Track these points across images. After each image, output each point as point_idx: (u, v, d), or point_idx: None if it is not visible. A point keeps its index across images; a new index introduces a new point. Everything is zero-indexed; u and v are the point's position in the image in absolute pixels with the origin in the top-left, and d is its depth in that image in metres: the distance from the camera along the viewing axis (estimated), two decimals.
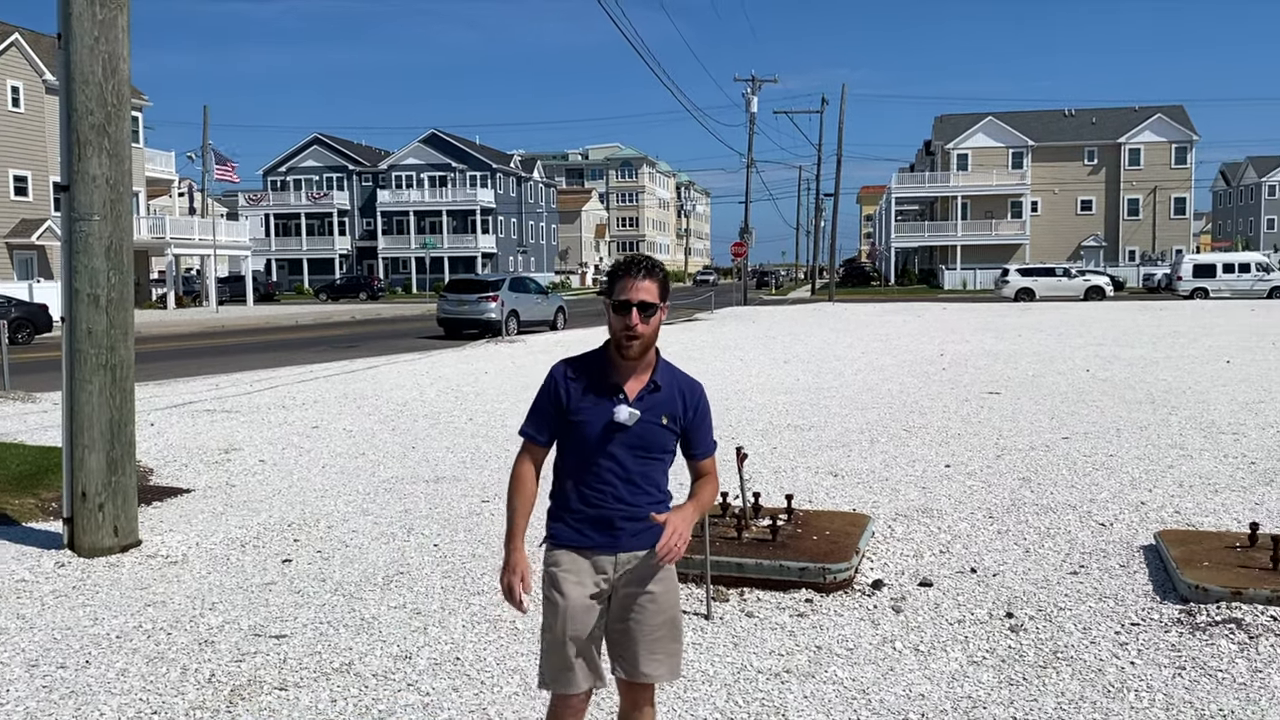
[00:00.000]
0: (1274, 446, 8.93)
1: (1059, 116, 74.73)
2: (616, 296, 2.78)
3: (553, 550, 2.88)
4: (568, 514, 2.87)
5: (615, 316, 2.79)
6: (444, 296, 27.64)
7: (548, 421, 2.88)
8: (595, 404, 2.81)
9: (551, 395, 2.86)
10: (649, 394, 2.84)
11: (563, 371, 2.88)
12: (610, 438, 2.80)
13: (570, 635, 2.80)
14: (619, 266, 2.83)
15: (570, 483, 2.86)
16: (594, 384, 2.84)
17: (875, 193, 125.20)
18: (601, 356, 2.89)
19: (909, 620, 4.86)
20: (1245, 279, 45.33)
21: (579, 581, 2.82)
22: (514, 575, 2.83)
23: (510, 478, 2.93)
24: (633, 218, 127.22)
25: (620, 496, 2.83)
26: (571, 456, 2.87)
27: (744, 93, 50.29)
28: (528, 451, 2.91)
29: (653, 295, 2.77)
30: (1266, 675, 4.09)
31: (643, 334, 2.76)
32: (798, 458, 8.82)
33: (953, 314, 33.97)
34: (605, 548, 2.84)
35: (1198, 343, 20.19)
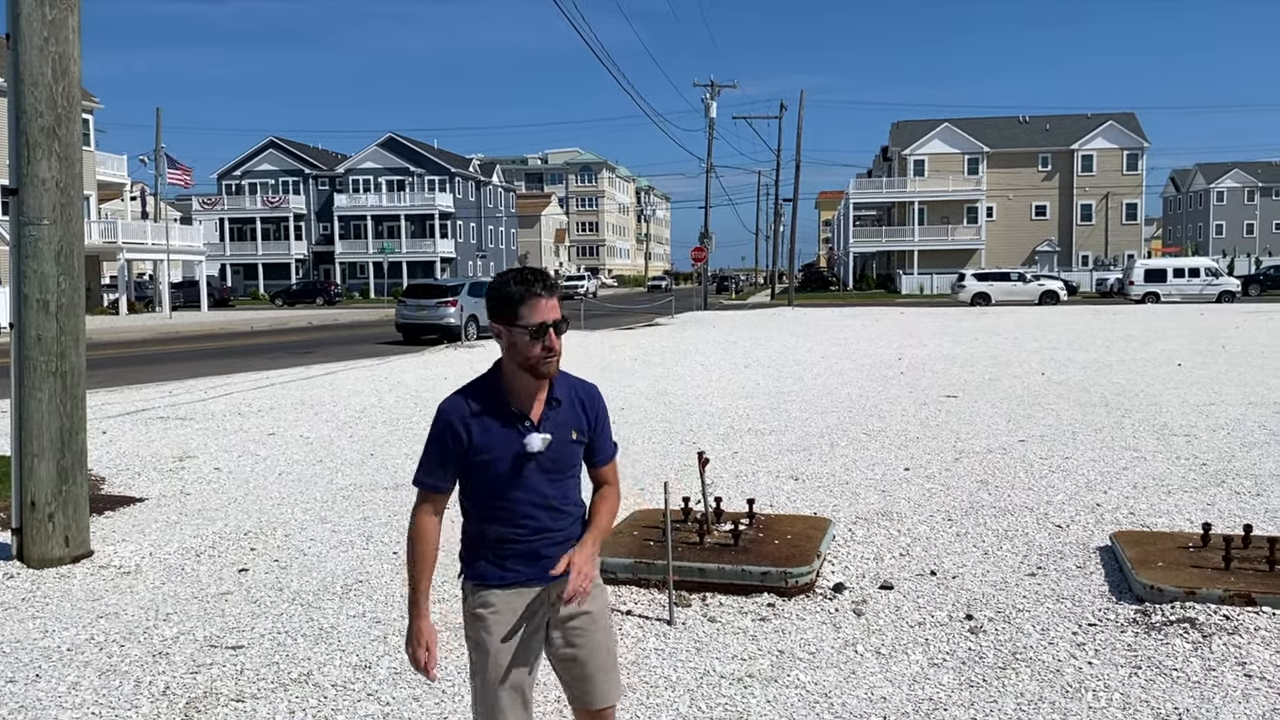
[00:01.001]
0: (1224, 448, 9.10)
1: (1014, 123, 75.83)
2: (529, 320, 2.57)
3: (479, 591, 2.67)
4: (489, 551, 2.67)
5: (530, 341, 2.57)
6: (402, 302, 27.43)
7: (450, 466, 2.63)
8: (501, 437, 2.61)
9: (450, 437, 2.61)
10: (553, 412, 2.67)
11: (458, 409, 2.63)
12: (523, 468, 2.62)
13: (505, 679, 2.63)
14: (517, 287, 2.60)
15: (484, 519, 2.67)
16: (495, 416, 2.62)
17: (834, 198, 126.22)
18: (495, 383, 2.67)
19: (870, 623, 4.88)
20: (1195, 283, 46.23)
21: (511, 621, 2.65)
22: (419, 648, 2.63)
23: (410, 535, 2.65)
24: (593, 222, 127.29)
25: (543, 526, 2.66)
26: (483, 495, 2.65)
27: (703, 98, 50.50)
28: (429, 502, 2.65)
29: (559, 311, 2.62)
30: (1219, 673, 4.15)
31: (560, 351, 2.63)
32: (759, 462, 8.85)
33: (910, 318, 34.31)
34: (536, 580, 2.67)
35: (1150, 346, 20.55)
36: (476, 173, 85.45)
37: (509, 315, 2.60)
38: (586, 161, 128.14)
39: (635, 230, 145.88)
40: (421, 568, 2.64)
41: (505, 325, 2.61)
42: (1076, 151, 71.99)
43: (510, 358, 2.64)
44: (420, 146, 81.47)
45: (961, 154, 72.42)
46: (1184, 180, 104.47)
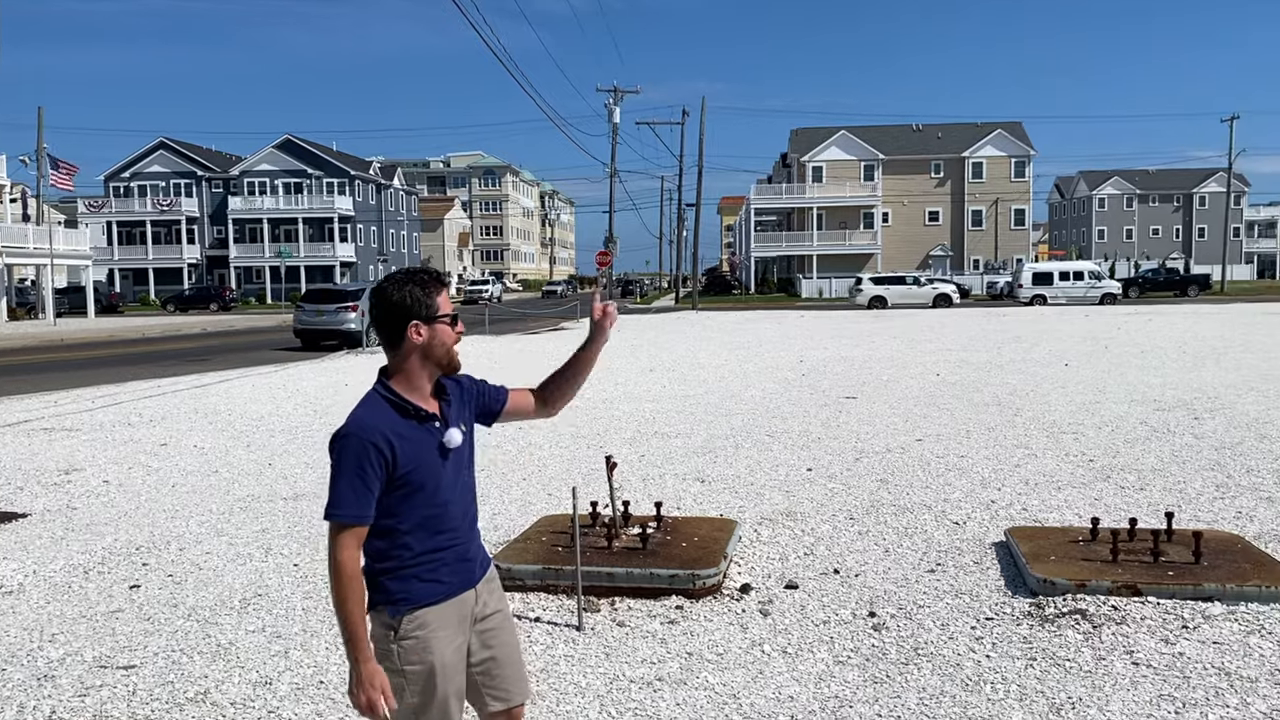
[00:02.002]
0: (1110, 444, 9.48)
1: (908, 131, 77.87)
2: (446, 311, 2.59)
3: (410, 614, 2.54)
4: (419, 567, 2.56)
5: (449, 330, 2.60)
6: (301, 307, 26.80)
7: (375, 491, 2.48)
8: (421, 445, 2.55)
9: (374, 462, 2.46)
10: (449, 406, 2.65)
11: (374, 428, 2.49)
12: (445, 470, 2.58)
13: (452, 693, 2.59)
14: (425, 285, 2.58)
15: (413, 535, 2.56)
16: (411, 424, 2.55)
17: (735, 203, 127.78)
18: (392, 393, 2.58)
19: (776, 623, 4.94)
20: (1080, 286, 48.17)
21: (448, 636, 2.58)
22: (375, 691, 2.46)
23: (339, 575, 2.44)
24: (497, 226, 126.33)
25: (465, 520, 2.66)
26: (407, 508, 2.54)
27: (606, 103, 50.54)
28: (352, 537, 2.47)
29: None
30: (1109, 662, 4.32)
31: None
32: (665, 465, 8.90)
33: (810, 321, 34.93)
34: (464, 585, 2.64)
35: (1038, 347, 21.30)
36: (377, 175, 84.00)
37: (427, 312, 2.57)
38: (490, 165, 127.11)
39: (540, 234, 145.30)
40: (357, 607, 2.46)
41: (425, 322, 2.56)
42: (967, 159, 74.27)
43: (424, 358, 2.58)
44: (318, 148, 79.73)
45: (858, 161, 74.05)
46: (1068, 187, 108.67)
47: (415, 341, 2.57)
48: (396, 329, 2.57)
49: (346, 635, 2.45)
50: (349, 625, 2.44)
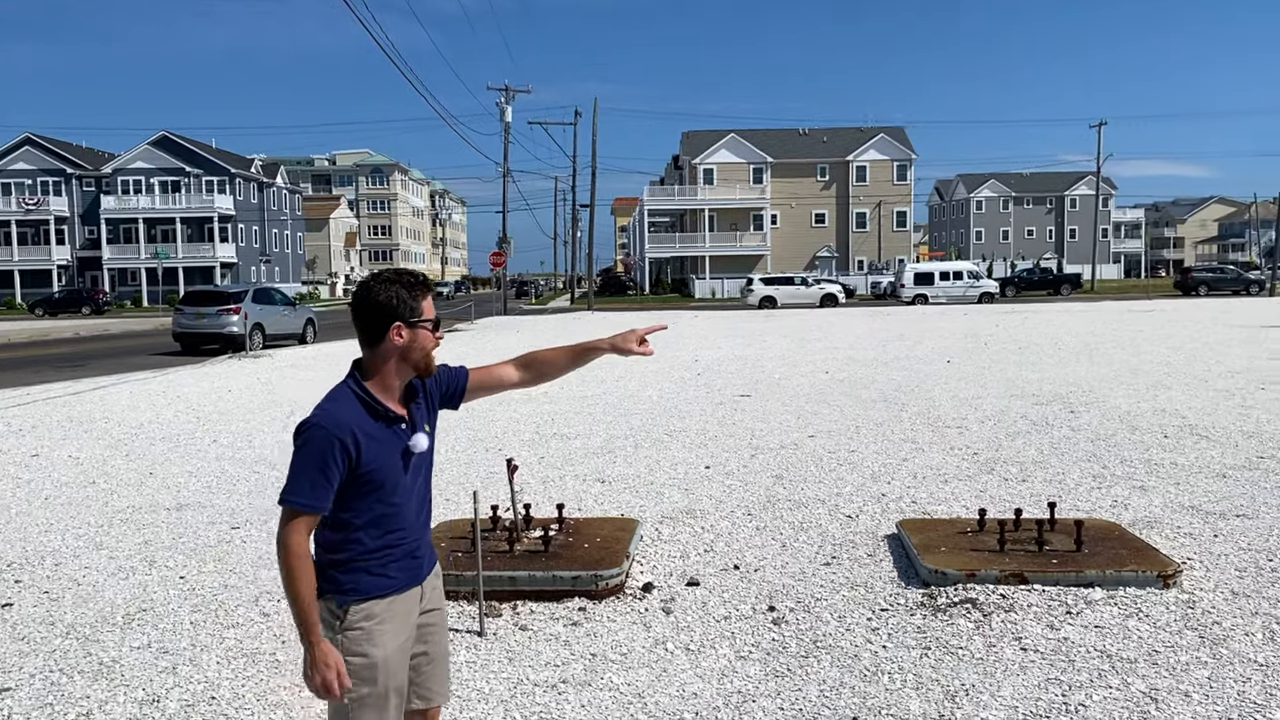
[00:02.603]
0: (992, 438, 9.83)
1: (794, 135, 79.40)
2: (430, 315, 2.64)
3: (356, 604, 2.57)
4: (369, 560, 2.59)
5: (430, 335, 2.64)
6: (180, 310, 25.81)
7: (334, 484, 2.50)
8: (387, 445, 2.57)
9: (338, 456, 2.48)
10: (417, 408, 2.69)
11: (342, 422, 2.51)
12: (406, 472, 2.62)
13: (393, 689, 2.60)
14: (410, 288, 2.61)
15: (366, 530, 2.59)
16: (379, 424, 2.57)
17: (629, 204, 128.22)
18: (363, 390, 2.60)
19: (679, 620, 4.97)
20: (959, 285, 49.89)
21: (393, 631, 2.61)
22: (330, 671, 2.48)
23: (290, 559, 2.46)
24: (385, 226, 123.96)
25: (419, 519, 2.71)
26: (364, 503, 2.57)
27: (498, 102, 50.17)
28: (307, 524, 2.50)
29: None
30: (999, 649, 4.48)
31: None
32: (565, 466, 8.87)
33: (704, 321, 35.30)
34: (412, 582, 2.67)
35: (921, 344, 21.96)
36: (259, 174, 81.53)
37: (411, 314, 2.59)
38: (378, 163, 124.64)
39: (431, 234, 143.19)
40: (309, 590, 2.48)
41: (408, 325, 2.59)
42: (851, 162, 76.11)
43: (402, 360, 2.61)
44: (197, 146, 76.99)
45: (747, 163, 75.17)
46: (947, 190, 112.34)
47: (395, 343, 2.59)
48: (378, 329, 2.58)
49: (299, 618, 2.48)
50: (301, 607, 2.47)
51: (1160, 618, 4.77)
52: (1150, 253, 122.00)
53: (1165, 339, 22.03)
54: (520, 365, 2.97)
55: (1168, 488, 7.53)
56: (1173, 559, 5.45)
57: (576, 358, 2.99)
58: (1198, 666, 4.22)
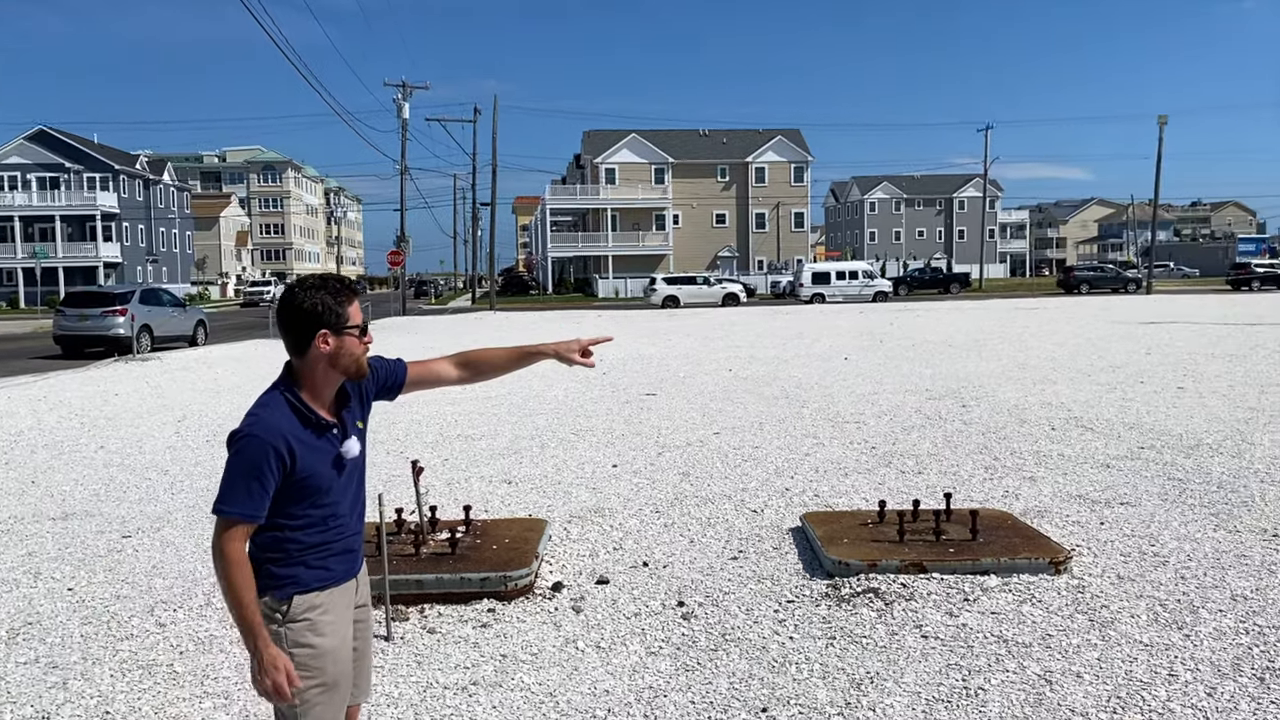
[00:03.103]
0: (889, 432, 10.09)
1: (695, 136, 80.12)
2: (357, 321, 2.61)
3: (298, 596, 2.57)
4: (307, 555, 2.59)
5: (356, 341, 2.60)
6: (61, 311, 24.71)
7: (270, 492, 2.49)
8: (320, 451, 2.57)
9: (273, 465, 2.47)
10: (348, 412, 2.69)
11: (275, 431, 2.49)
12: (339, 476, 2.62)
13: (341, 679, 2.62)
14: (336, 294, 2.57)
15: (303, 531, 2.58)
16: (311, 431, 2.56)
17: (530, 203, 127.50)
18: (295, 397, 2.58)
19: (589, 619, 4.98)
20: (855, 284, 51.07)
21: (337, 620, 2.63)
22: (279, 673, 2.48)
23: (229, 568, 2.44)
24: (278, 224, 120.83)
25: (354, 518, 2.72)
26: (299, 508, 2.56)
27: (395, 99, 49.35)
28: (242, 532, 2.48)
29: None
30: (901, 637, 4.60)
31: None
32: (471, 468, 8.78)
33: (607, 321, 35.35)
34: (349, 574, 2.71)
35: (820, 342, 22.41)
36: (145, 170, 78.56)
37: (337, 321, 2.56)
38: (270, 160, 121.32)
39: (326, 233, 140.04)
40: (251, 596, 2.47)
41: (334, 332, 2.55)
42: (750, 164, 77.18)
43: (330, 367, 2.58)
44: (78, 141, 73.79)
45: (649, 164, 75.56)
46: (842, 191, 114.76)
47: (322, 351, 2.55)
48: (304, 337, 2.55)
49: (243, 624, 2.46)
50: (244, 613, 2.45)
51: (1052, 603, 4.97)
52: (1034, 252, 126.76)
53: (1050, 335, 22.91)
54: (459, 363, 2.99)
55: (1056, 478, 7.83)
56: (1063, 546, 5.68)
57: (517, 360, 3.02)
58: (1088, 648, 4.40)
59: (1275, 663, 4.19)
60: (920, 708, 3.88)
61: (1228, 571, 5.40)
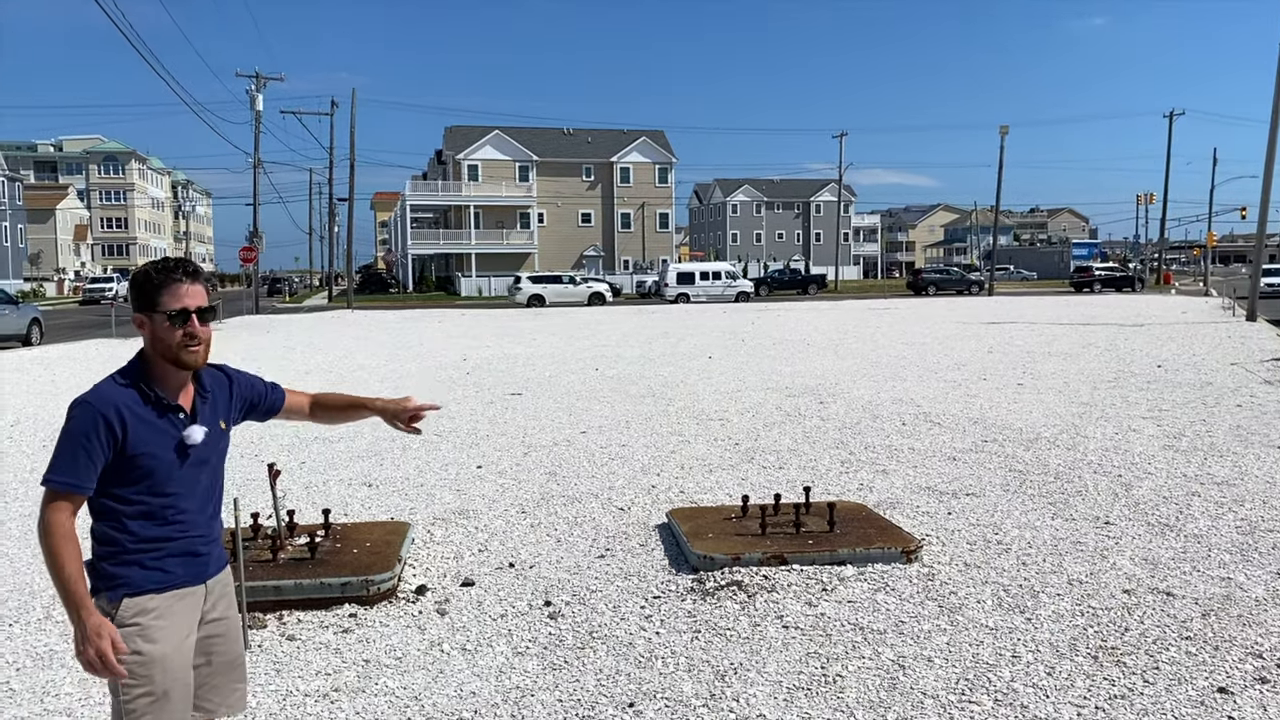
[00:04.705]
0: (751, 429, 10.31)
1: (560, 134, 79.99)
2: (169, 306, 2.51)
3: (129, 599, 2.50)
4: (141, 554, 2.51)
5: (169, 328, 2.51)
6: None
7: (98, 464, 2.45)
8: (158, 431, 2.51)
9: (102, 432, 2.43)
10: (204, 404, 2.63)
11: (109, 401, 2.47)
12: (181, 463, 2.54)
13: (172, 690, 2.49)
14: (156, 273, 2.55)
15: (138, 521, 2.51)
16: (150, 407, 2.52)
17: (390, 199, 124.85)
18: (144, 374, 2.56)
19: (454, 621, 4.93)
20: (718, 285, 51.95)
21: (172, 626, 2.52)
22: (103, 640, 2.40)
23: (52, 539, 2.41)
24: (121, 218, 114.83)
25: (199, 518, 2.61)
26: (134, 492, 2.50)
27: (248, 89, 47.56)
28: (69, 502, 2.44)
29: (206, 299, 2.59)
30: (763, 628, 4.72)
31: (206, 338, 2.57)
32: (329, 470, 8.55)
33: (471, 320, 34.96)
34: (192, 579, 2.59)
35: (685, 341, 22.71)
36: None
37: (149, 302, 2.53)
38: (111, 150, 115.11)
39: (173, 228, 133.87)
40: (75, 568, 2.41)
41: (146, 313, 2.54)
42: (615, 164, 77.58)
43: (153, 349, 2.55)
44: None
45: (513, 161, 75.02)
46: (705, 193, 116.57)
47: (141, 331, 2.56)
48: (134, 314, 2.57)
49: (66, 596, 2.40)
50: (66, 583, 2.39)
51: (905, 590, 5.18)
52: (885, 255, 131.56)
53: (900, 335, 23.84)
54: (314, 404, 3.00)
55: (907, 470, 8.16)
56: (914, 536, 5.93)
57: (346, 410, 3.03)
58: (938, 634, 4.61)
59: (1108, 642, 4.48)
60: (782, 696, 3.99)
61: (1064, 557, 5.74)
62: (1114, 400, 12.04)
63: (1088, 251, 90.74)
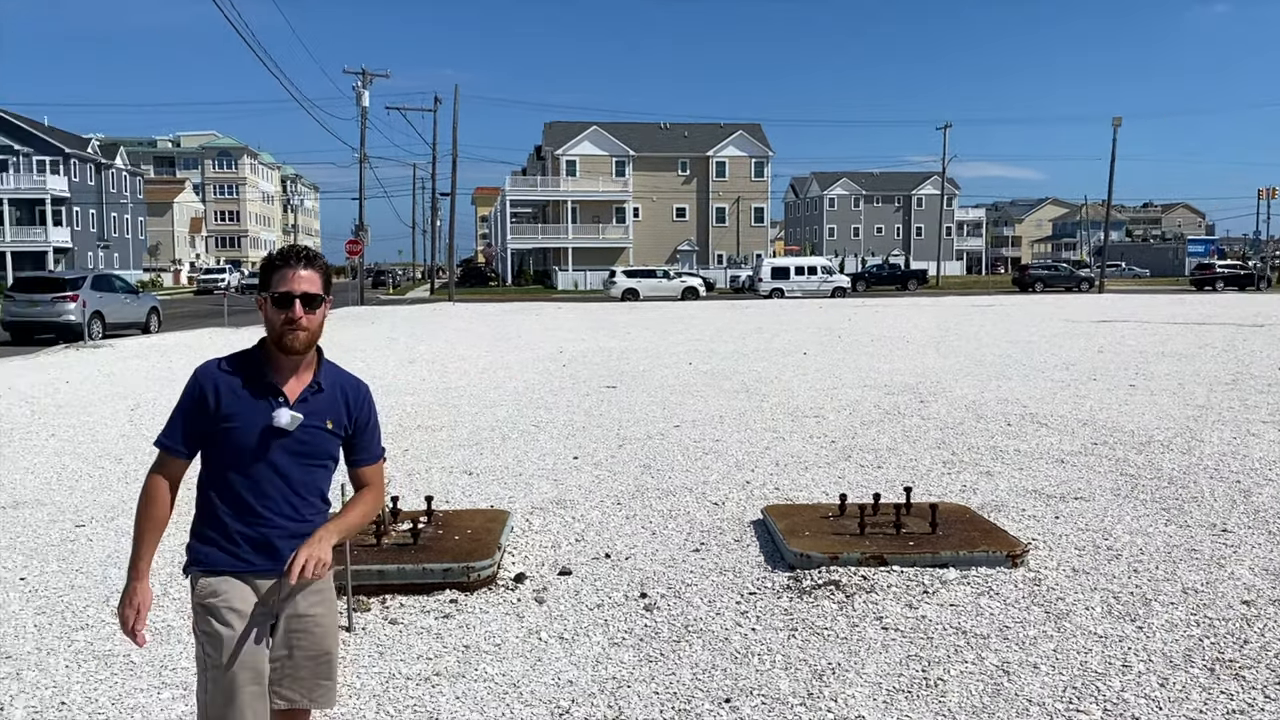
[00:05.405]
0: (848, 426, 10.18)
1: (656, 129, 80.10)
2: (275, 289, 2.56)
3: (205, 577, 2.55)
4: (219, 535, 2.56)
5: (274, 310, 2.56)
6: (11, 297, 24.20)
7: (191, 430, 2.56)
8: (250, 407, 2.54)
9: (196, 399, 2.55)
10: (312, 395, 2.62)
11: (211, 371, 2.58)
12: (269, 445, 2.55)
13: (239, 673, 2.49)
14: (275, 257, 2.62)
15: (221, 498, 2.56)
16: (248, 385, 2.56)
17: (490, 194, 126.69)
18: (257, 355, 2.62)
19: (552, 610, 4.98)
20: (813, 280, 51.34)
21: (242, 611, 2.53)
22: (130, 609, 2.51)
23: (142, 495, 2.58)
24: (233, 211, 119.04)
25: (281, 511, 2.58)
26: (223, 468, 2.56)
27: (355, 86, 48.80)
28: (165, 465, 2.58)
29: (316, 286, 2.59)
30: (861, 628, 4.65)
31: (308, 326, 2.57)
32: (431, 458, 8.73)
33: (568, 313, 35.28)
34: (267, 570, 2.58)
35: (779, 337, 22.53)
36: (97, 154, 77.04)
37: (264, 283, 2.62)
38: (225, 146, 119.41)
39: (282, 221, 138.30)
40: (147, 527, 2.56)
41: (261, 294, 2.62)
42: (711, 158, 77.33)
43: (266, 331, 2.62)
44: (26, 123, 72.13)
45: (610, 156, 75.43)
46: (802, 187, 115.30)
47: (260, 310, 2.63)
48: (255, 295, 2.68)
49: (132, 550, 2.58)
50: (135, 540, 2.57)
51: (1009, 595, 5.05)
52: (990, 250, 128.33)
53: (1005, 333, 23.23)
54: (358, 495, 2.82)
55: (1012, 473, 7.95)
56: (1019, 540, 5.78)
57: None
58: (1044, 640, 4.48)
59: (1225, 654, 4.29)
60: (881, 698, 3.93)
61: (1179, 565, 5.52)
62: (1232, 403, 11.53)
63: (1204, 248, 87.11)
